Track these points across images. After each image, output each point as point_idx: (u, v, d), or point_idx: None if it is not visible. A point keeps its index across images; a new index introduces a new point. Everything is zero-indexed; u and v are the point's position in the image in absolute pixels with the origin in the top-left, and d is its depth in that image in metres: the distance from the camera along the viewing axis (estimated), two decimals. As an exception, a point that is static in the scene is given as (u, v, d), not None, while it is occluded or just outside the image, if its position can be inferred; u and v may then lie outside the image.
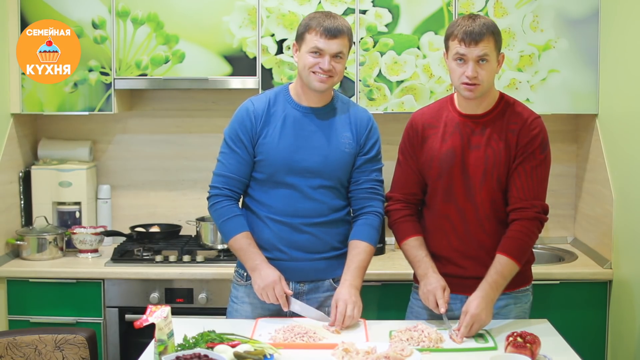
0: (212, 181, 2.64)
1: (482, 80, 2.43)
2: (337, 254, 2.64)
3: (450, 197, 2.56)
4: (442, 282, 2.52)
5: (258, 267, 2.53)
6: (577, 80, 3.46)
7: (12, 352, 2.53)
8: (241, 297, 2.67)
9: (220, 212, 2.60)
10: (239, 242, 2.57)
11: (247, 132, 2.58)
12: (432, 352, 2.28)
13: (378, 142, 2.67)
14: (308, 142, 2.57)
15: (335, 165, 2.59)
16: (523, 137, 2.50)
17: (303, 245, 2.59)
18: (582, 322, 3.28)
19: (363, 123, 2.64)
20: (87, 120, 3.82)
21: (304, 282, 2.62)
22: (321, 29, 2.47)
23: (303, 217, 2.58)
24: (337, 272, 2.63)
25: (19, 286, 3.34)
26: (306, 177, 2.57)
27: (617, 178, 3.24)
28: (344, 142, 2.59)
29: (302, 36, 2.53)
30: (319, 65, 2.49)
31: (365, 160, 2.63)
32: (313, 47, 2.49)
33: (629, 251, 3.11)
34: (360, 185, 2.64)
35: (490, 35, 2.43)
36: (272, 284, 2.49)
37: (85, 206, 3.70)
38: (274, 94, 2.64)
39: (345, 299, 2.47)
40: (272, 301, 2.51)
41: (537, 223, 2.50)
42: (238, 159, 2.59)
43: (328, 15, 2.52)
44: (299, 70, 2.57)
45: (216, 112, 3.85)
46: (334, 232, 2.63)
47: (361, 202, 2.64)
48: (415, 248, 2.59)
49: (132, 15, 3.48)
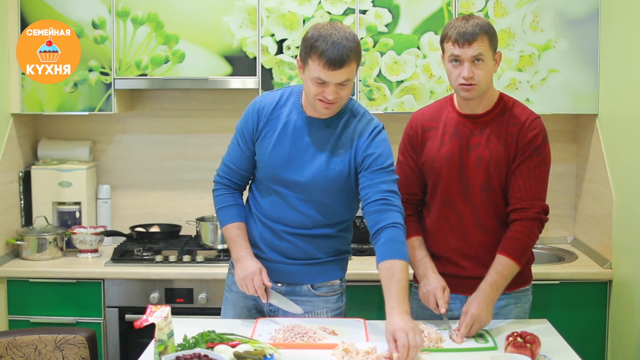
0: (219, 167, 2.67)
1: (478, 80, 2.43)
2: (317, 262, 2.57)
3: (449, 198, 2.56)
4: (442, 282, 2.52)
5: (241, 258, 2.53)
6: (577, 80, 3.46)
7: (12, 352, 2.53)
8: (229, 285, 2.69)
9: (218, 200, 2.64)
10: (229, 231, 2.59)
11: (249, 129, 2.56)
12: (432, 352, 2.28)
13: (383, 153, 2.45)
14: (302, 154, 2.48)
15: (322, 182, 2.47)
16: (522, 138, 2.50)
17: (282, 250, 2.56)
18: (582, 322, 3.28)
19: (362, 139, 2.46)
20: (87, 120, 3.82)
21: (282, 283, 2.60)
22: (325, 60, 2.28)
23: (285, 225, 2.54)
24: (316, 278, 2.57)
25: (19, 286, 3.34)
26: (293, 189, 2.51)
27: (617, 178, 3.24)
28: (337, 159, 2.47)
29: (306, 60, 2.35)
30: (323, 94, 2.36)
31: (369, 173, 2.44)
32: (317, 78, 2.33)
33: (629, 251, 3.12)
34: (369, 199, 2.41)
35: (484, 35, 2.41)
36: (252, 274, 2.48)
37: (85, 206, 3.71)
38: (287, 95, 2.55)
39: (403, 327, 2.18)
40: (252, 292, 2.50)
41: (538, 223, 2.50)
42: (240, 152, 2.59)
43: (332, 38, 2.29)
44: (305, 93, 2.47)
45: (216, 112, 3.85)
46: (317, 245, 2.55)
47: (375, 216, 2.39)
48: (415, 248, 2.59)
49: (132, 15, 3.48)
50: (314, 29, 2.37)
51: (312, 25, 2.41)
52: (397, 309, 2.24)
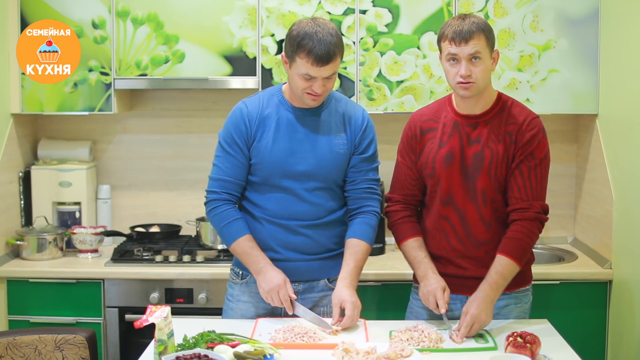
0: (208, 186, 2.62)
1: (476, 78, 2.43)
2: (332, 255, 2.64)
3: (449, 198, 2.56)
4: (442, 282, 2.51)
5: (262, 270, 2.52)
6: (577, 80, 3.46)
7: (12, 352, 2.53)
8: (237, 295, 2.67)
9: (220, 217, 2.57)
10: (241, 246, 2.55)
11: (242, 135, 2.56)
12: (432, 352, 2.28)
13: (374, 140, 2.65)
14: (302, 144, 2.56)
15: (330, 167, 2.57)
16: (521, 137, 2.49)
17: (298, 246, 2.59)
18: (582, 322, 3.28)
19: (357, 122, 2.61)
20: (87, 120, 3.82)
21: (299, 282, 2.61)
22: (312, 57, 2.40)
23: (299, 220, 2.58)
24: (331, 272, 2.63)
25: (19, 286, 3.34)
26: (301, 180, 2.56)
27: (617, 178, 3.24)
28: (337, 143, 2.58)
29: (293, 57, 2.45)
30: (311, 88, 2.47)
31: (361, 159, 2.61)
32: (305, 74, 2.44)
33: (629, 251, 3.11)
34: (357, 185, 2.62)
35: (480, 33, 2.41)
36: (277, 287, 2.48)
37: (85, 206, 3.71)
38: (267, 96, 2.62)
39: (353, 301, 2.48)
40: (277, 304, 2.51)
41: (538, 223, 2.50)
42: (234, 162, 2.58)
43: (317, 36, 2.41)
44: (290, 85, 2.56)
45: (216, 112, 3.85)
46: (329, 234, 2.62)
47: (358, 201, 2.63)
48: (415, 249, 2.59)
49: (132, 15, 3.48)
50: (297, 26, 2.47)
51: (295, 22, 2.51)
52: (348, 281, 2.53)
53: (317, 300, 2.63)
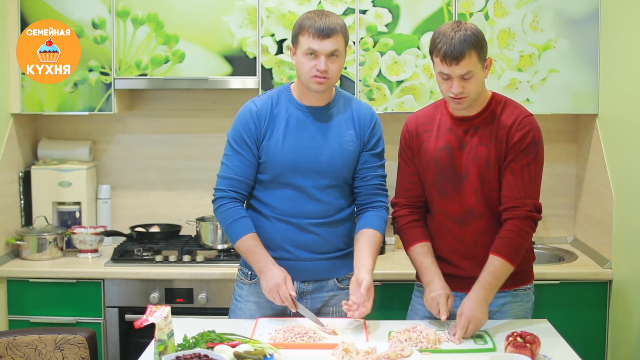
0: (216, 184, 2.63)
1: (469, 92, 2.43)
2: (341, 254, 2.64)
3: (446, 199, 2.56)
4: (447, 290, 2.51)
5: (264, 269, 2.52)
6: (577, 80, 3.46)
7: (12, 352, 2.53)
8: (245, 296, 2.67)
9: (226, 215, 2.58)
10: (245, 244, 2.55)
11: (252, 134, 2.57)
12: (431, 352, 2.28)
13: (382, 137, 2.68)
14: (312, 142, 2.57)
15: (341, 164, 2.59)
16: (513, 135, 2.49)
17: (308, 245, 2.59)
18: (582, 322, 3.27)
19: (367, 119, 2.63)
20: (87, 120, 3.82)
21: (309, 282, 2.62)
22: (313, 30, 2.46)
23: (309, 218, 2.58)
24: (341, 271, 2.65)
25: (19, 286, 3.34)
26: (312, 177, 2.57)
27: (617, 178, 3.24)
28: (347, 140, 2.60)
29: (297, 39, 2.52)
30: (315, 67, 2.48)
31: (370, 155, 2.63)
32: (307, 49, 2.48)
33: (629, 251, 3.12)
34: (368, 182, 2.64)
35: (471, 50, 2.38)
36: (276, 286, 2.47)
37: (85, 206, 3.71)
38: (276, 94, 2.63)
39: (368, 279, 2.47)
40: (279, 303, 2.50)
41: (530, 222, 2.49)
42: (243, 160, 2.58)
43: (320, 15, 2.51)
44: (297, 73, 2.58)
45: (216, 112, 3.85)
46: (339, 232, 2.63)
47: (369, 197, 2.65)
48: (422, 255, 2.59)
49: (132, 15, 3.48)
50: (302, 15, 2.56)
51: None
52: (368, 268, 2.51)
53: (327, 300, 2.64)
